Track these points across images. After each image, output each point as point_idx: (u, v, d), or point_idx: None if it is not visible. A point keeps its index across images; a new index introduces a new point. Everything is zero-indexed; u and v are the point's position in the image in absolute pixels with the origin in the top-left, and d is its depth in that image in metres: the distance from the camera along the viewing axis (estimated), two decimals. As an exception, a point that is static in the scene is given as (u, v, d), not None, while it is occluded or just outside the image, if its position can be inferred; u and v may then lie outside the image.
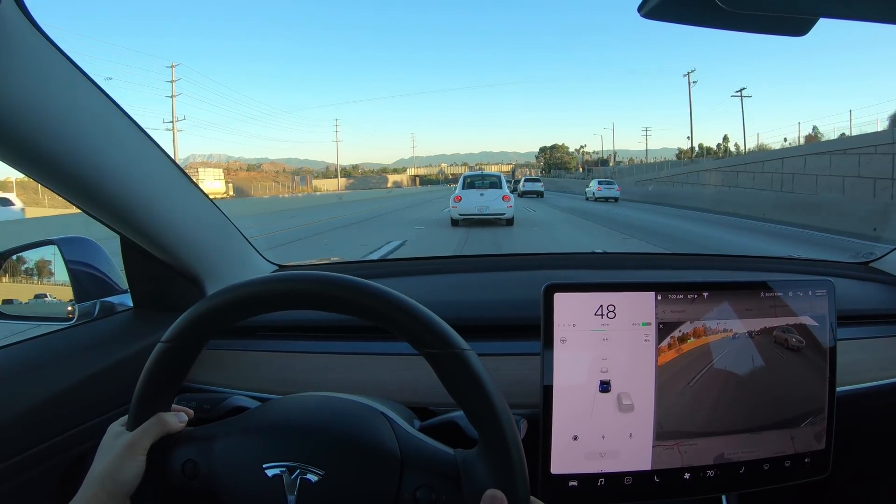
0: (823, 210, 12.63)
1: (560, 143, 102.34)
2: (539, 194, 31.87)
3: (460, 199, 12.52)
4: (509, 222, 12.43)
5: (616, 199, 26.77)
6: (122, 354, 0.82)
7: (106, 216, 0.77)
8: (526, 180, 35.31)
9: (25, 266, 1.02)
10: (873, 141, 13.75)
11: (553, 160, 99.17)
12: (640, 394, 0.71)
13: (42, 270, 1.01)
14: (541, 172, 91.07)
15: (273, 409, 0.61)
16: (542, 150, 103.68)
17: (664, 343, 0.71)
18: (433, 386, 0.55)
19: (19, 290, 1.03)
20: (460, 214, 12.39)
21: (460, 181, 13.44)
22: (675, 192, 24.38)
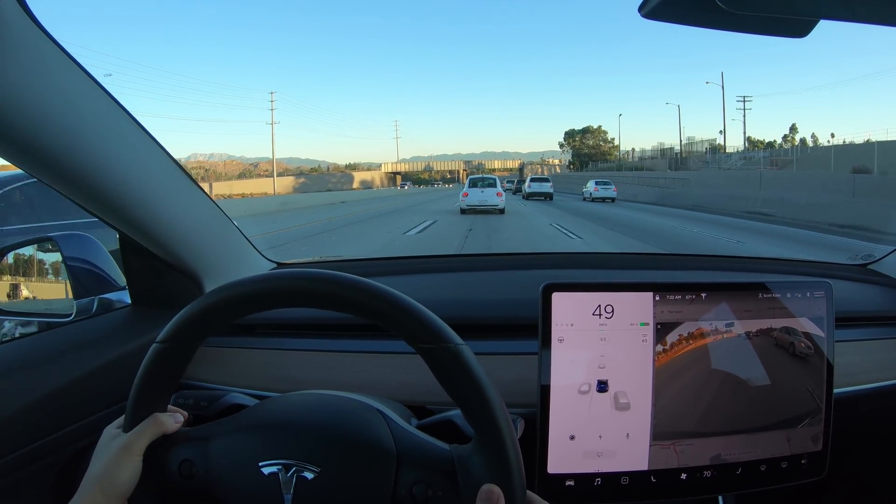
0: None
1: (595, 126, 73.18)
2: (547, 196, 27.06)
3: (467, 195, 16.73)
4: (501, 211, 16.22)
5: (613, 200, 25.43)
6: (120, 351, 0.82)
7: (105, 213, 0.77)
8: (532, 180, 29.85)
9: (24, 262, 1.02)
10: None
11: (584, 149, 72.16)
12: (638, 394, 0.71)
13: (41, 267, 1.01)
14: (570, 167, 70.63)
15: (269, 408, 0.61)
16: (569, 135, 74.70)
17: (662, 343, 0.71)
18: (431, 385, 0.55)
19: (18, 286, 1.03)
20: (467, 205, 16.42)
21: (467, 182, 18.37)
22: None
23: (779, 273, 1.18)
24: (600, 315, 0.70)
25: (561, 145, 77.98)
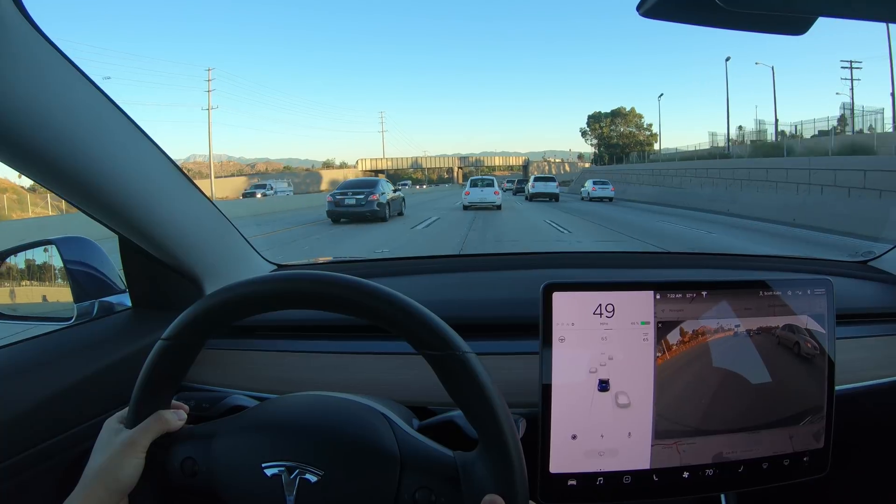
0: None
1: (627, 109, 57.44)
2: (553, 197, 24.82)
3: (469, 194, 19.64)
4: (498, 207, 18.82)
5: (611, 199, 24.39)
6: (120, 354, 0.82)
7: (105, 216, 0.77)
8: (536, 179, 27.50)
9: (24, 266, 1.02)
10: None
11: (614, 137, 56.78)
12: (639, 393, 0.71)
13: (41, 270, 1.01)
14: (594, 161, 57.03)
15: (272, 409, 0.61)
16: (595, 119, 58.99)
17: (663, 342, 0.71)
18: (432, 385, 0.55)
19: (18, 290, 1.03)
20: (469, 202, 19.14)
21: (468, 183, 21.25)
22: None
23: (779, 271, 1.18)
24: (601, 314, 0.70)
25: (584, 133, 61.50)
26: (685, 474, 0.72)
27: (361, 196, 13.56)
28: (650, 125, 57.58)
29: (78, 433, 0.76)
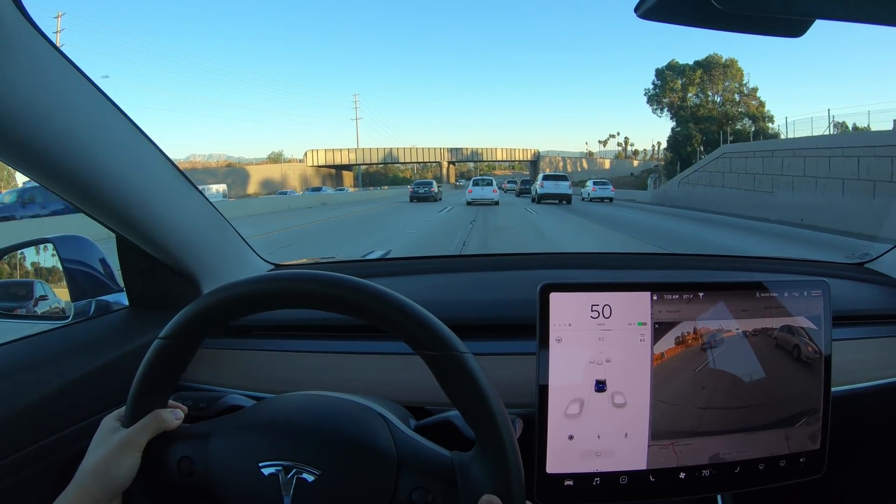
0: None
1: (724, 58, 35.79)
2: (564, 199, 21.77)
3: (471, 191, 23.15)
4: (496, 203, 22.02)
5: (611, 199, 24.79)
6: (117, 353, 0.82)
7: (102, 215, 0.77)
8: (545, 178, 23.62)
9: (21, 264, 1.02)
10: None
11: (704, 107, 35.15)
12: (636, 393, 0.71)
13: (38, 269, 1.01)
14: (668, 146, 37.19)
15: (269, 408, 0.61)
16: (673, 72, 37.30)
17: (660, 343, 0.71)
18: (429, 385, 0.55)
19: (15, 289, 1.03)
20: (472, 199, 22.58)
21: (471, 182, 24.80)
22: None
23: (776, 272, 1.19)
24: (598, 315, 0.71)
25: (650, 97, 38.35)
26: (682, 475, 0.72)
27: (427, 189, 26.53)
28: (755, 90, 35.69)
29: (74, 432, 0.75)
